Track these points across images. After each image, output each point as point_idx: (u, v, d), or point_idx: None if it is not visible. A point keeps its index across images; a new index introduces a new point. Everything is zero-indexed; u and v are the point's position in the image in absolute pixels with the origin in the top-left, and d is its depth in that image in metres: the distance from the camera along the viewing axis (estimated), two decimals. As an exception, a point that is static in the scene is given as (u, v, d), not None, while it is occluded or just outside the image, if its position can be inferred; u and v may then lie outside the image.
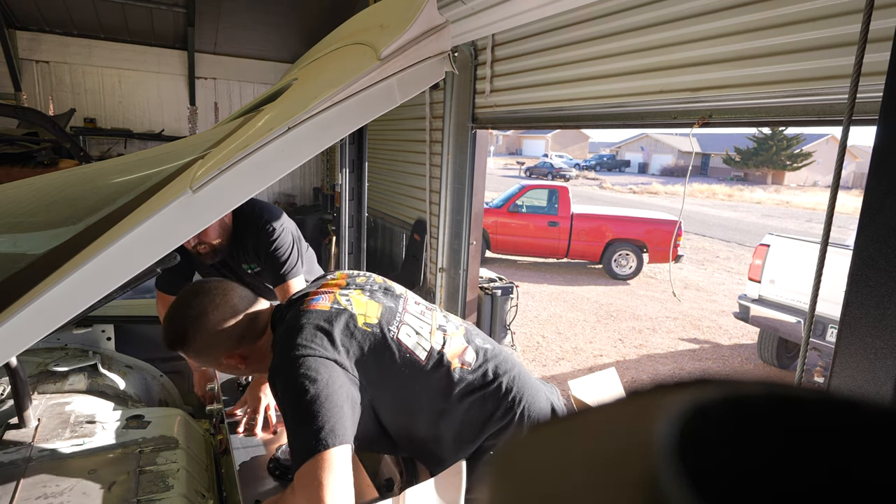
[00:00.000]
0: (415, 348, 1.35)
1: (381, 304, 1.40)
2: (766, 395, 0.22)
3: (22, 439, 1.52)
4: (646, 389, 0.25)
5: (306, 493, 1.08)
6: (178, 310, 1.38)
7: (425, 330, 1.42)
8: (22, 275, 1.22)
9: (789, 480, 0.20)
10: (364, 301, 1.39)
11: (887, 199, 1.20)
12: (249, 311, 1.41)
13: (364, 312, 1.35)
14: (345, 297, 1.38)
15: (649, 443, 0.20)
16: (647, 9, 2.89)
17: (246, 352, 1.41)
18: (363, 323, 1.33)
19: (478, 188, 4.77)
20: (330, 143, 1.17)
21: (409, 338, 1.36)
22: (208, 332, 1.35)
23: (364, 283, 1.49)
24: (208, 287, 1.42)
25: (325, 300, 1.36)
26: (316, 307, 1.34)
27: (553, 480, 0.22)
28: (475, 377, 1.38)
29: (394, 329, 1.36)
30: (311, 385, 1.17)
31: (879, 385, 1.22)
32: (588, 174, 44.44)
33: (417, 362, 1.34)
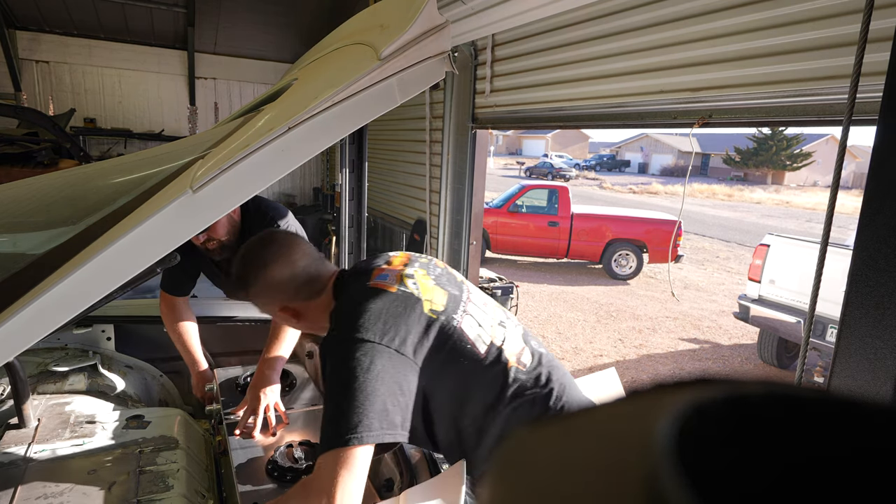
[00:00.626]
0: (476, 340, 1.33)
1: (446, 292, 1.38)
2: (766, 395, 0.22)
3: (22, 439, 1.52)
4: (645, 389, 0.25)
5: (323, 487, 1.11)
6: (243, 257, 1.42)
7: (487, 323, 1.40)
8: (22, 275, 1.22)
9: (789, 480, 0.20)
10: (430, 286, 1.36)
11: (887, 199, 1.20)
12: (310, 269, 1.42)
13: (430, 298, 1.33)
14: (411, 279, 1.35)
15: (649, 442, 0.20)
16: (647, 9, 2.89)
17: (301, 308, 1.42)
18: (429, 309, 1.30)
19: (478, 188, 4.77)
20: (330, 143, 1.17)
21: (472, 329, 1.34)
22: (265, 281, 1.38)
23: (427, 264, 1.46)
24: (274, 237, 1.45)
25: (392, 279, 1.33)
26: (383, 286, 1.31)
27: (553, 480, 0.22)
28: (529, 379, 1.37)
29: (458, 318, 1.33)
30: (362, 374, 1.17)
31: (879, 385, 1.22)
32: (588, 174, 44.45)
33: (477, 355, 1.32)
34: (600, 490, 0.20)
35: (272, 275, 1.38)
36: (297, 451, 1.61)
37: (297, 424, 1.85)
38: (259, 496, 1.46)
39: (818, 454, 0.20)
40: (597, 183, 36.74)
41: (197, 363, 2.25)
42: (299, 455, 1.60)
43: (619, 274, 10.14)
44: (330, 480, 1.10)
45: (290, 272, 1.39)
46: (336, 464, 1.11)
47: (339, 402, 1.17)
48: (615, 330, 7.23)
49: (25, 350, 1.10)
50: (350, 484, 1.11)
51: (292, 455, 1.60)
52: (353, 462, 1.12)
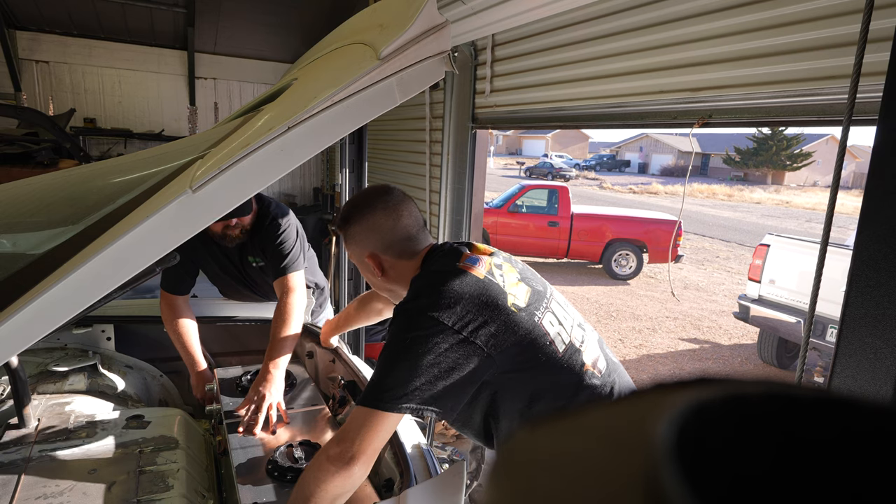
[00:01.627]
0: (555, 338, 1.33)
1: (530, 288, 1.38)
2: (766, 395, 0.22)
3: (22, 439, 1.52)
4: (645, 389, 0.25)
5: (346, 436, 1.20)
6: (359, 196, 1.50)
7: (567, 323, 1.39)
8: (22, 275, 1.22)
9: (789, 480, 0.20)
10: (515, 281, 1.37)
11: (887, 199, 1.20)
12: (411, 229, 1.45)
13: (514, 293, 1.33)
14: (499, 270, 1.36)
15: (649, 442, 0.20)
16: (647, 9, 2.89)
17: (388, 263, 1.45)
18: (511, 304, 1.30)
19: (478, 188, 4.76)
20: (330, 143, 1.17)
21: (552, 326, 1.34)
22: (368, 222, 1.43)
23: (510, 259, 1.47)
24: (391, 190, 1.49)
25: (482, 267, 1.34)
26: (471, 270, 1.32)
27: (553, 480, 0.22)
28: (601, 386, 1.36)
29: (539, 315, 1.33)
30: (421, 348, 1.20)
31: (879, 385, 1.22)
32: (588, 174, 44.45)
33: (555, 353, 1.32)
34: (600, 490, 0.20)
35: (376, 219, 1.42)
36: (297, 451, 1.61)
37: (297, 424, 1.85)
38: (259, 496, 1.46)
39: (818, 454, 0.20)
40: (597, 183, 36.74)
41: (196, 363, 2.25)
42: (299, 455, 1.60)
43: (619, 274, 10.14)
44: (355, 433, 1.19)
45: (393, 223, 1.43)
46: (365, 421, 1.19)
47: (392, 365, 1.22)
48: (615, 330, 7.23)
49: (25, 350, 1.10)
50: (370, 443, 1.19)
51: (292, 455, 1.60)
52: (383, 425, 1.20)
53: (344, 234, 1.48)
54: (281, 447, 1.62)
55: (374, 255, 1.44)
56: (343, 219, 1.48)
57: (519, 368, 1.31)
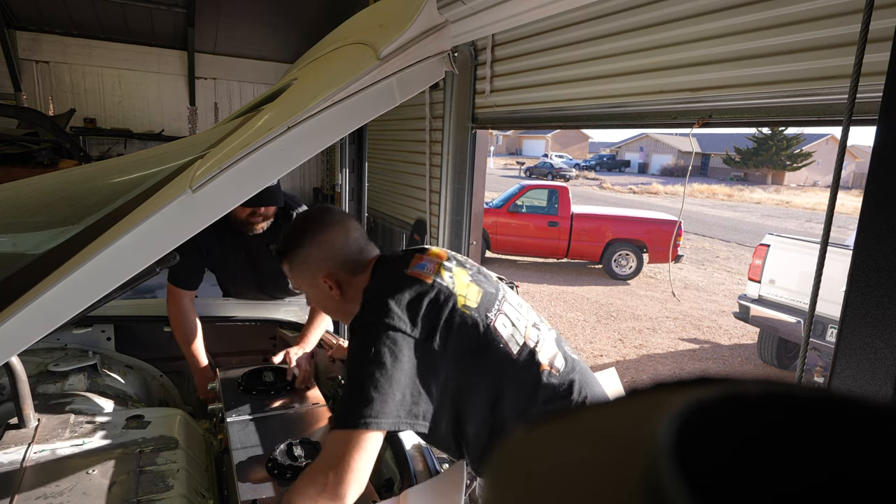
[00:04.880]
0: (509, 340, 1.32)
1: (482, 289, 1.37)
2: (766, 395, 0.22)
3: (22, 439, 1.52)
4: (645, 389, 0.25)
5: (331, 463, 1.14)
6: (299, 221, 1.47)
7: (521, 324, 1.38)
8: (22, 275, 1.22)
9: (789, 480, 0.20)
10: (466, 282, 1.35)
11: (887, 199, 1.20)
12: (360, 242, 1.45)
13: (465, 294, 1.32)
14: (448, 272, 1.35)
15: (648, 442, 0.20)
16: (647, 9, 2.89)
17: (343, 280, 1.42)
18: (462, 305, 1.29)
19: (478, 188, 4.77)
20: (330, 143, 1.17)
21: (505, 328, 1.33)
22: (320, 244, 1.40)
23: (464, 261, 1.46)
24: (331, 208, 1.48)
25: (429, 270, 1.33)
26: (419, 275, 1.31)
27: (552, 479, 0.22)
28: (561, 384, 1.35)
29: (491, 317, 1.32)
30: (389, 361, 1.18)
31: (880, 385, 1.22)
32: (588, 174, 44.45)
33: (509, 354, 1.31)
34: (599, 490, 0.20)
35: (327, 238, 1.41)
36: (297, 450, 1.61)
37: (297, 424, 1.86)
38: (259, 494, 1.46)
39: (817, 453, 0.20)
40: (597, 183, 36.74)
41: (199, 362, 2.26)
42: (299, 453, 1.60)
43: (619, 274, 10.14)
44: (340, 458, 1.13)
45: (344, 240, 1.42)
46: (348, 443, 1.14)
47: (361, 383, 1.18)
48: (615, 330, 7.23)
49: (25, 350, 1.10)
50: (359, 465, 1.13)
51: (293, 453, 1.60)
52: (365, 445, 1.14)
53: (291, 259, 1.44)
54: (281, 446, 1.62)
55: (331, 275, 1.41)
56: (290, 244, 1.43)
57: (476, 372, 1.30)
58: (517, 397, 1.33)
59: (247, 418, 1.86)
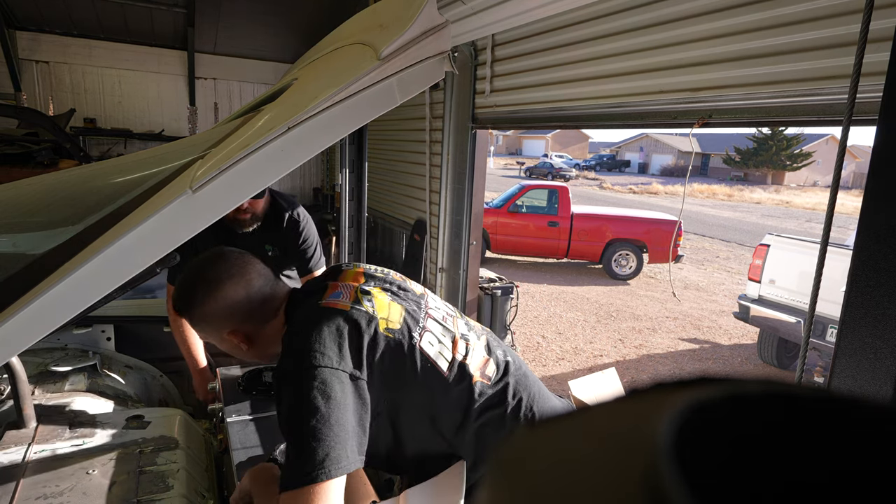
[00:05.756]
0: (437, 358, 1.28)
1: (403, 308, 1.31)
2: (766, 394, 0.22)
3: (22, 439, 1.52)
4: (645, 388, 0.25)
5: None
6: (193, 272, 1.31)
7: (447, 338, 1.34)
8: (22, 275, 1.22)
9: (789, 480, 0.20)
10: (386, 303, 1.30)
11: (887, 199, 1.20)
12: (265, 289, 1.32)
13: (386, 317, 1.26)
14: (366, 296, 1.28)
15: (648, 442, 0.20)
16: (647, 9, 2.89)
17: (252, 332, 1.33)
18: (385, 328, 1.24)
19: (478, 188, 4.76)
20: (330, 143, 1.17)
21: (432, 346, 1.29)
22: (218, 300, 1.26)
23: (384, 279, 1.41)
24: (227, 254, 1.33)
25: (345, 298, 1.27)
26: (335, 305, 1.24)
27: (552, 480, 0.22)
28: (495, 392, 1.34)
29: (416, 336, 1.28)
30: (323, 403, 1.09)
31: (880, 385, 1.22)
32: (588, 174, 44.46)
33: (440, 373, 1.27)
34: (600, 489, 0.20)
35: (225, 294, 1.27)
36: (297, 451, 1.61)
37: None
38: (259, 496, 1.46)
39: (817, 453, 0.20)
40: (597, 183, 36.74)
41: (198, 363, 2.26)
42: (299, 455, 1.60)
43: (619, 274, 10.13)
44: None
45: (245, 292, 1.28)
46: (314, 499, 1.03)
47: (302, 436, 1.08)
48: (615, 330, 7.23)
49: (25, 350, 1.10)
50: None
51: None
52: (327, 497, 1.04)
53: (191, 316, 1.30)
54: (281, 446, 1.63)
55: (236, 331, 1.31)
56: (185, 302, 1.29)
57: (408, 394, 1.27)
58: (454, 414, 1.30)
59: (247, 418, 1.86)
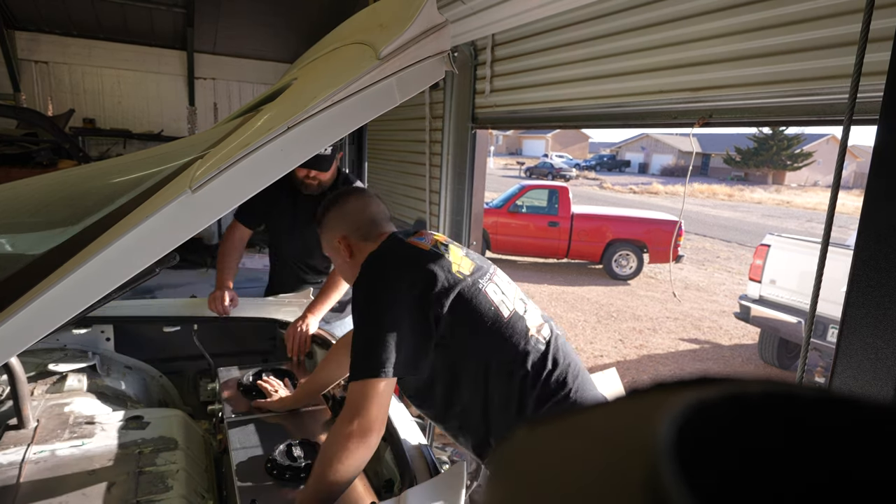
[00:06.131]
0: (500, 304, 1.49)
1: (474, 263, 1.55)
2: (767, 394, 0.22)
3: (21, 440, 1.52)
4: (645, 389, 0.25)
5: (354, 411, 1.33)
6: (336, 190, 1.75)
7: (510, 294, 1.56)
8: (22, 275, 1.22)
9: (790, 480, 0.19)
10: (460, 255, 1.54)
11: (888, 199, 1.20)
12: (376, 216, 1.63)
13: (458, 263, 1.50)
14: (444, 246, 1.55)
15: (648, 442, 0.20)
16: (647, 9, 2.89)
17: (356, 245, 1.60)
18: (456, 270, 1.47)
19: (478, 188, 4.76)
20: (330, 143, 1.17)
21: (496, 294, 1.50)
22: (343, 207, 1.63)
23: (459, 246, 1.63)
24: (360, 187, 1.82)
25: (427, 241, 1.54)
26: (417, 244, 1.51)
27: (552, 479, 0.22)
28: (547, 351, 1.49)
29: (482, 283, 1.49)
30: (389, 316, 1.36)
31: (881, 385, 1.22)
32: (588, 174, 44.43)
33: (500, 315, 1.47)
34: (600, 490, 0.20)
35: (348, 204, 1.63)
36: (296, 450, 1.61)
37: (297, 424, 1.85)
38: (259, 494, 1.46)
39: (818, 453, 0.20)
40: (597, 183, 36.74)
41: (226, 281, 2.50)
42: (298, 454, 1.60)
43: (620, 274, 10.13)
44: (360, 406, 1.32)
45: (362, 209, 1.63)
46: (365, 391, 1.33)
47: (368, 337, 1.36)
48: (616, 330, 7.23)
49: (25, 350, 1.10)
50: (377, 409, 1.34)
51: (292, 454, 1.60)
52: (380, 391, 1.34)
53: (322, 224, 1.66)
54: (281, 446, 1.62)
55: (344, 238, 1.61)
56: (322, 210, 1.67)
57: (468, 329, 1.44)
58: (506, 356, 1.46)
59: (246, 419, 1.86)
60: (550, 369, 1.47)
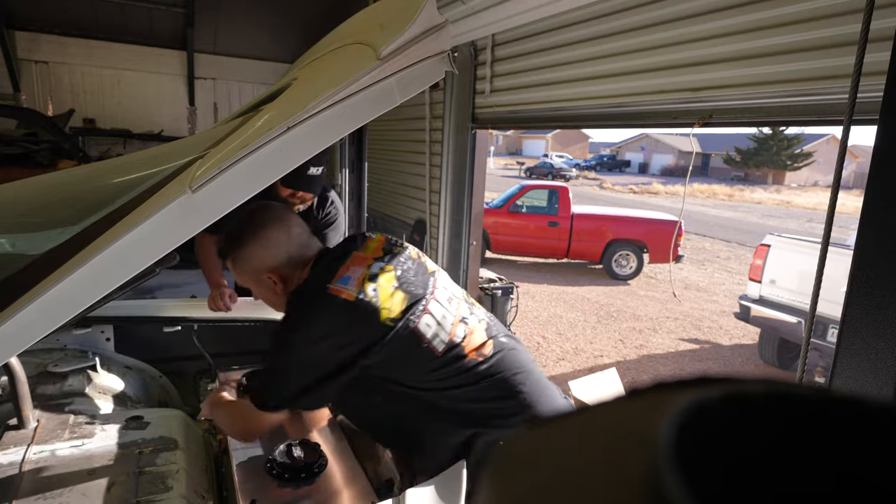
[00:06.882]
0: (433, 339, 1.38)
1: (407, 295, 1.39)
2: (767, 394, 0.22)
3: (21, 440, 1.52)
4: (645, 389, 0.25)
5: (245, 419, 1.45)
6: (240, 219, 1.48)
7: (448, 321, 1.42)
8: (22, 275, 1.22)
9: (790, 479, 0.19)
10: (391, 291, 1.37)
11: (888, 199, 1.20)
12: (302, 237, 1.50)
13: (388, 307, 1.35)
14: (373, 284, 1.36)
15: (649, 441, 0.20)
16: (647, 9, 2.89)
17: (287, 275, 1.48)
18: (385, 318, 1.34)
19: (478, 188, 4.76)
20: (330, 143, 1.17)
21: (429, 328, 1.38)
22: (261, 240, 1.45)
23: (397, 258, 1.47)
24: (271, 206, 1.53)
25: (352, 286, 1.35)
26: (341, 293, 1.33)
27: (552, 479, 0.22)
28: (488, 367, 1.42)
29: (414, 319, 1.37)
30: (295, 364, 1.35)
31: (881, 385, 1.22)
32: (588, 174, 44.44)
33: (433, 353, 1.37)
34: (600, 490, 0.20)
35: (271, 233, 1.46)
36: (296, 450, 1.62)
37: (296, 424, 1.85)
38: (259, 495, 1.46)
39: (819, 453, 0.20)
40: (597, 183, 36.74)
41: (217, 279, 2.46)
42: (298, 454, 1.60)
43: (620, 274, 10.13)
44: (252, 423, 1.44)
45: (286, 236, 1.47)
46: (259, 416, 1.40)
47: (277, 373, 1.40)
48: (616, 330, 7.23)
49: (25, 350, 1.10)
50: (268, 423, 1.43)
51: (292, 454, 1.60)
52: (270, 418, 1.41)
53: (235, 255, 1.48)
54: (281, 446, 1.63)
55: (275, 270, 1.47)
56: (233, 242, 1.48)
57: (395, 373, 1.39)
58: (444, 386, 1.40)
59: (247, 419, 1.85)
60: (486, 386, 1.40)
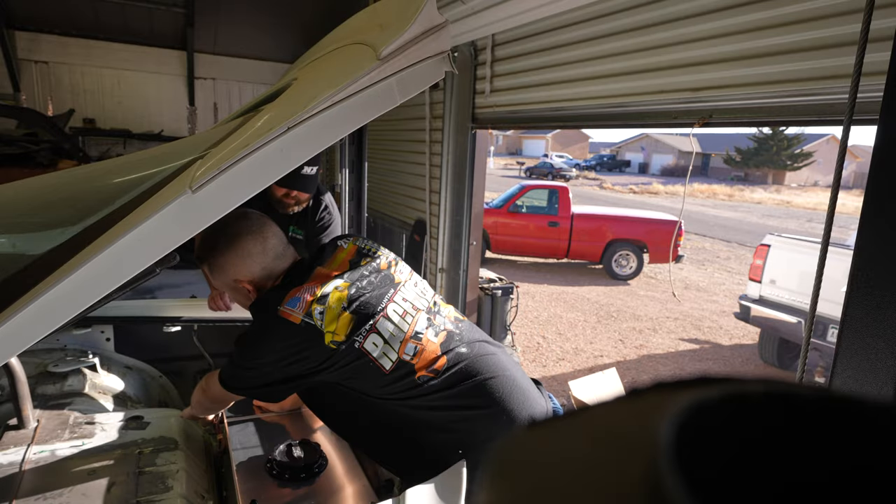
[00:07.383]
0: (379, 358, 1.36)
1: (354, 317, 1.37)
2: (767, 394, 0.22)
3: (21, 440, 1.52)
4: (645, 388, 0.25)
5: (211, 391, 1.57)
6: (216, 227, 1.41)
7: (397, 338, 1.39)
8: (22, 275, 1.22)
9: (789, 479, 0.19)
10: (338, 313, 1.36)
11: (888, 199, 1.20)
12: (278, 248, 1.49)
13: (333, 329, 1.34)
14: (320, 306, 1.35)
15: (648, 441, 0.20)
16: (647, 9, 2.89)
17: (261, 284, 1.49)
18: (329, 341, 1.33)
19: (478, 188, 4.76)
20: (330, 143, 1.17)
21: (376, 347, 1.36)
22: (237, 250, 1.45)
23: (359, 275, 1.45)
24: (249, 214, 1.50)
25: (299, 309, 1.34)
26: (288, 316, 1.33)
27: (552, 479, 0.22)
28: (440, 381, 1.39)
29: (360, 339, 1.35)
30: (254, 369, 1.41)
31: (881, 385, 1.22)
32: (588, 174, 44.44)
33: (380, 370, 1.36)
34: (599, 489, 0.20)
35: (247, 244, 1.45)
36: (296, 450, 1.61)
37: (297, 424, 1.86)
38: (259, 494, 1.46)
39: (818, 453, 0.20)
40: (597, 183, 36.73)
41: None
42: (299, 454, 1.60)
43: (620, 274, 10.13)
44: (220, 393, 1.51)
45: (262, 248, 1.46)
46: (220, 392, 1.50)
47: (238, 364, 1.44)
48: (616, 330, 7.23)
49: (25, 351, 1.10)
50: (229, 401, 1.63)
51: (292, 453, 1.60)
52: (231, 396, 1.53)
53: (210, 264, 1.49)
54: (281, 446, 1.63)
55: (249, 279, 1.48)
56: (208, 249, 1.48)
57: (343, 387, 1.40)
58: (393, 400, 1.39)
59: (246, 419, 1.86)
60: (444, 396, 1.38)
